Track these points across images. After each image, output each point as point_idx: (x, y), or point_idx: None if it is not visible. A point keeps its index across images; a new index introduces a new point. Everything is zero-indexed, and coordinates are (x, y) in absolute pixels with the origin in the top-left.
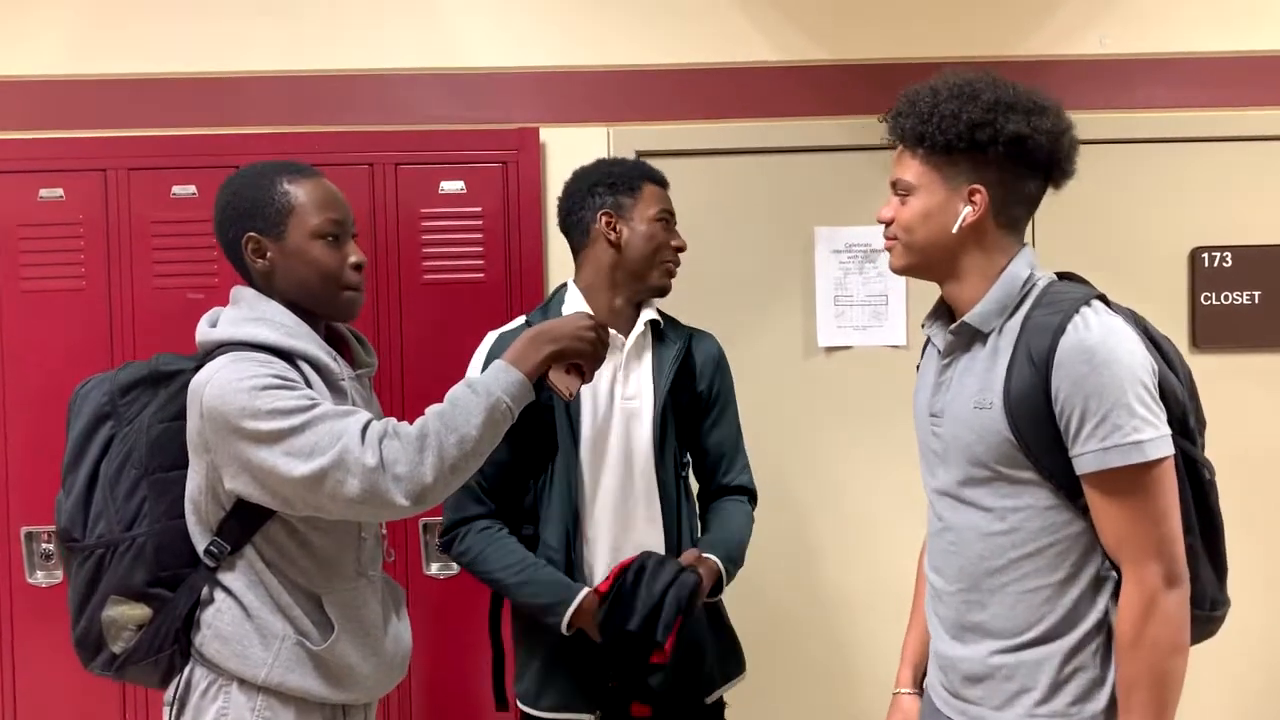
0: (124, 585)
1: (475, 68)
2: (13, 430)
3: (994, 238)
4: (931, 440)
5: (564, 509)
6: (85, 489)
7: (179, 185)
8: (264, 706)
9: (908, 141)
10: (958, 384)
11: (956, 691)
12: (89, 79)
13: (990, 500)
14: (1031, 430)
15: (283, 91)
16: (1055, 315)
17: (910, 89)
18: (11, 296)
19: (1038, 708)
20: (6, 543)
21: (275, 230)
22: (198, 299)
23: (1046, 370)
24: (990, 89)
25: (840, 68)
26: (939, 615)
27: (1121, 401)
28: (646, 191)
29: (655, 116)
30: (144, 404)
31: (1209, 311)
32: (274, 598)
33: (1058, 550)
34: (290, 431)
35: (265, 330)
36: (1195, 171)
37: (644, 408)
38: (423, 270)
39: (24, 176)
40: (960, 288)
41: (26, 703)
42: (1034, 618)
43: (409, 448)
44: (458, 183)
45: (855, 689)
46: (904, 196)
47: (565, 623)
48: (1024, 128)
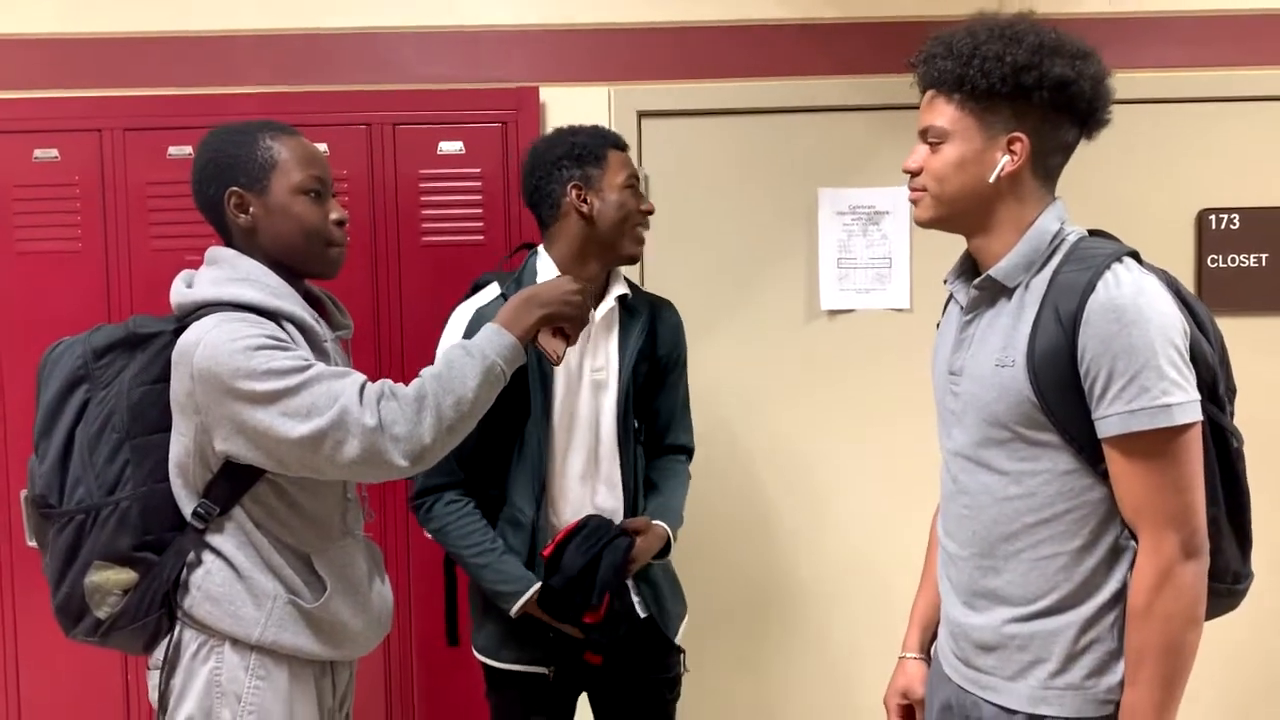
0: (108, 550)
1: (474, 26)
2: (10, 394)
3: (1029, 189)
4: (949, 400)
5: (532, 473)
6: (61, 454)
7: (175, 146)
8: (257, 665)
9: (943, 86)
10: (980, 341)
11: (968, 660)
12: (84, 37)
13: (1007, 463)
14: (1054, 390)
15: (280, 50)
16: (1085, 272)
17: (942, 33)
18: (7, 259)
19: (1052, 680)
20: (6, 507)
21: (258, 185)
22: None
23: (1073, 328)
24: (1033, 32)
25: (847, 25)
26: (951, 580)
27: (1151, 363)
28: (612, 159)
29: (657, 76)
30: (121, 367)
31: (1216, 274)
32: (264, 558)
33: (1075, 517)
34: (287, 392)
35: (250, 290)
36: (1203, 132)
37: (610, 379)
38: (421, 232)
39: (18, 137)
40: (989, 241)
41: (28, 662)
42: (1048, 586)
43: (407, 409)
44: (456, 143)
45: (849, 652)
46: (935, 145)
47: (514, 611)
48: (1069, 72)
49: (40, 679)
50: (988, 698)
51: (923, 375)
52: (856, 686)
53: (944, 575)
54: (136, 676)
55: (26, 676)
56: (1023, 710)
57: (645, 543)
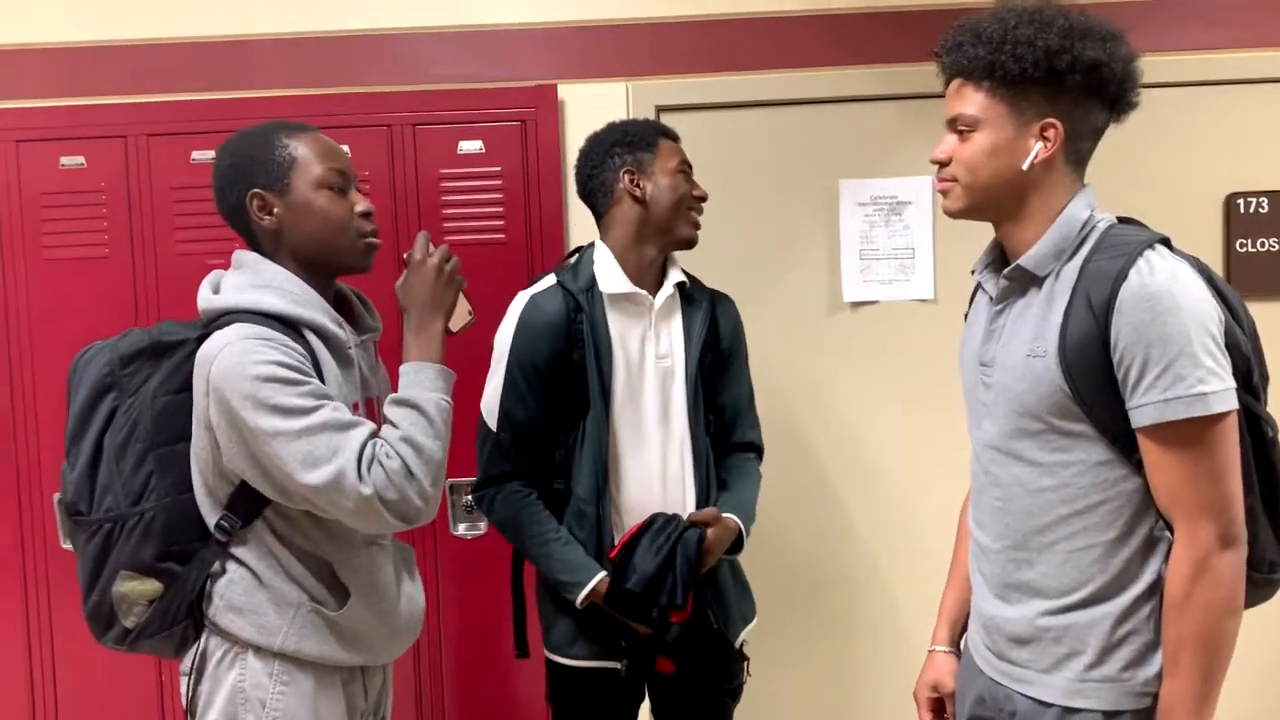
0: (133, 560)
1: (491, 24)
2: (42, 398)
3: (1060, 175)
4: (980, 391)
5: (594, 465)
6: (90, 462)
7: (198, 150)
8: (281, 672)
9: (973, 74)
10: (1010, 331)
11: (1002, 653)
12: (106, 45)
13: (1040, 454)
14: (1087, 380)
15: (300, 53)
16: (1117, 259)
17: (967, 20)
18: (37, 265)
19: (1088, 672)
20: (41, 509)
21: (279, 185)
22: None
23: (1106, 317)
24: (1062, 15)
25: (863, 15)
26: (983, 573)
27: (1186, 351)
28: (663, 146)
29: (674, 70)
30: (147, 375)
31: (1245, 258)
32: (286, 568)
33: (1110, 508)
34: (289, 434)
35: (271, 297)
36: (1231, 115)
37: (677, 366)
38: (443, 231)
39: (45, 145)
40: (1019, 230)
41: (65, 662)
42: (1083, 578)
43: (396, 477)
44: (476, 142)
45: (876, 643)
46: (965, 133)
47: (579, 601)
48: (1102, 54)
49: (76, 678)
50: (1022, 690)
51: (947, 367)
52: (882, 679)
53: (975, 568)
54: (171, 676)
55: (63, 676)
56: (1058, 703)
57: (716, 534)
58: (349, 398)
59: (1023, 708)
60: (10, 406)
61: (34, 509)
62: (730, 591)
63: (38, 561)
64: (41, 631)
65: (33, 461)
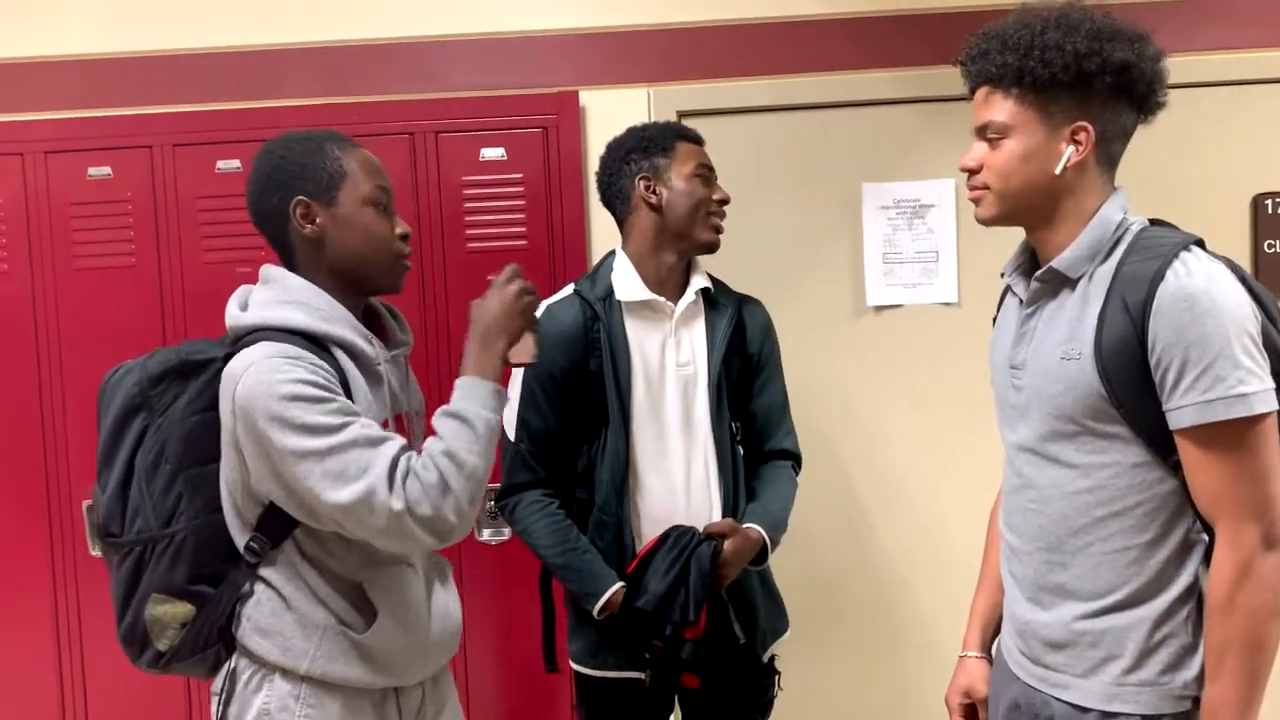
0: (165, 583)
1: (511, 32)
2: (72, 406)
3: (1092, 177)
4: (1011, 394)
5: (614, 474)
6: (121, 483)
7: (223, 160)
8: (309, 695)
9: (1002, 80)
10: (1042, 334)
11: (1037, 658)
12: (131, 56)
13: (1075, 456)
14: (1123, 382)
15: (322, 63)
16: (1153, 261)
17: (990, 28)
18: (65, 274)
19: (1126, 676)
20: (70, 516)
21: (327, 196)
22: (246, 272)
23: (1143, 318)
24: (1088, 18)
25: (886, 19)
26: (1015, 576)
27: (1226, 352)
28: (680, 150)
29: (696, 75)
30: (175, 395)
31: (1273, 259)
32: (313, 589)
33: (1146, 510)
34: (317, 453)
35: (297, 314)
36: (1258, 115)
37: (700, 373)
38: (466, 239)
39: (72, 156)
40: (1053, 233)
41: (94, 669)
42: (1119, 580)
43: (431, 492)
44: (498, 149)
45: (902, 649)
46: (995, 140)
47: (596, 611)
48: (1130, 55)
49: (106, 687)
50: (1059, 695)
51: (973, 370)
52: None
53: (1007, 572)
54: (200, 685)
55: (92, 685)
56: (1096, 708)
57: (734, 546)
58: (379, 415)
59: (1060, 713)
60: (39, 414)
61: (63, 515)
62: (759, 604)
63: (67, 569)
64: (71, 640)
65: (62, 468)
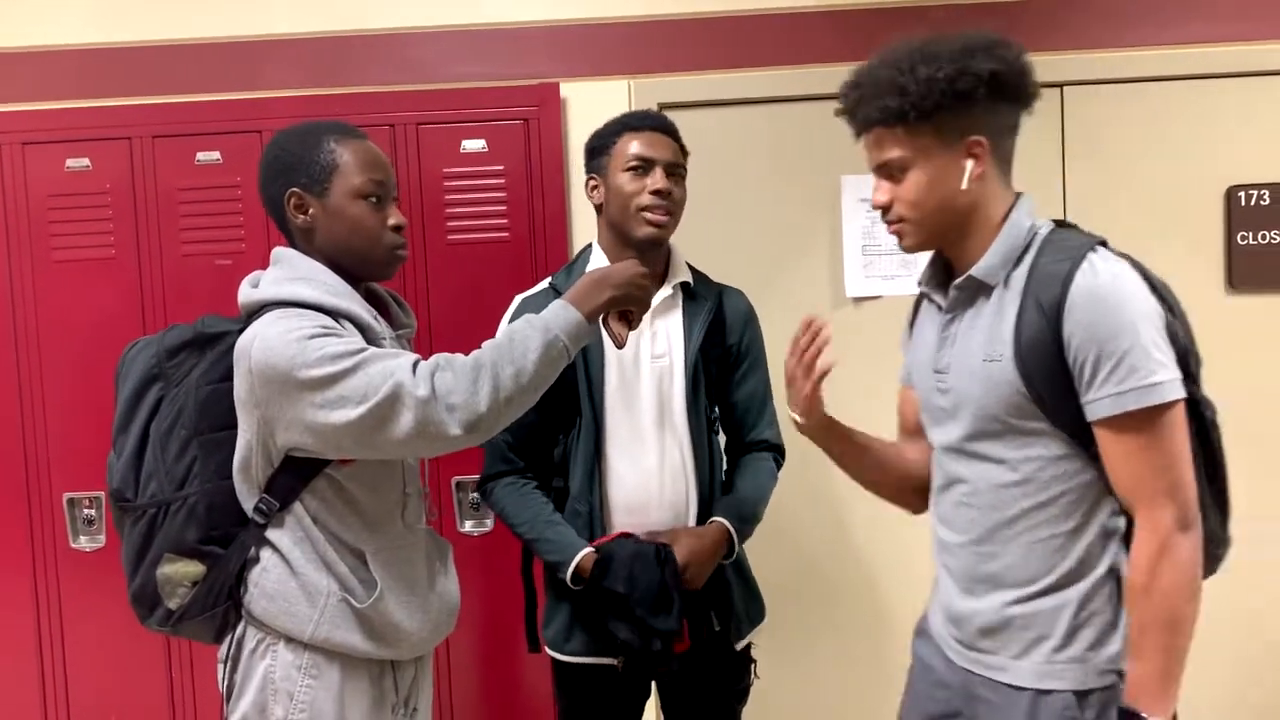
0: (178, 543)
1: (493, 23)
2: (51, 399)
3: (994, 183)
4: (937, 397)
5: (586, 464)
6: (136, 450)
7: (203, 151)
8: (310, 664)
9: (886, 121)
10: (963, 339)
11: (972, 644)
12: (110, 46)
13: (1002, 452)
14: (1043, 379)
15: (302, 54)
16: (1063, 262)
17: (857, 76)
18: (45, 267)
19: (1056, 654)
20: (50, 509)
21: (318, 187)
22: (225, 265)
23: (1057, 317)
24: (943, 42)
25: (866, 11)
26: (949, 568)
27: (1137, 344)
28: (619, 144)
29: (677, 67)
30: (191, 366)
31: (1246, 251)
32: (320, 554)
33: (1069, 499)
34: (343, 374)
35: (308, 289)
36: (1230, 108)
37: (675, 365)
38: (447, 230)
39: (51, 147)
40: (967, 244)
41: (75, 662)
42: (1046, 567)
43: (463, 377)
44: (479, 141)
45: (883, 638)
46: (899, 175)
47: (568, 579)
48: (995, 63)
49: (87, 677)
50: (994, 677)
51: None
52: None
53: (941, 564)
54: (180, 673)
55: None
56: (1030, 686)
57: (689, 547)
58: None
59: (995, 695)
60: (19, 407)
61: (44, 509)
62: (735, 592)
63: (48, 562)
64: (52, 632)
65: (42, 460)
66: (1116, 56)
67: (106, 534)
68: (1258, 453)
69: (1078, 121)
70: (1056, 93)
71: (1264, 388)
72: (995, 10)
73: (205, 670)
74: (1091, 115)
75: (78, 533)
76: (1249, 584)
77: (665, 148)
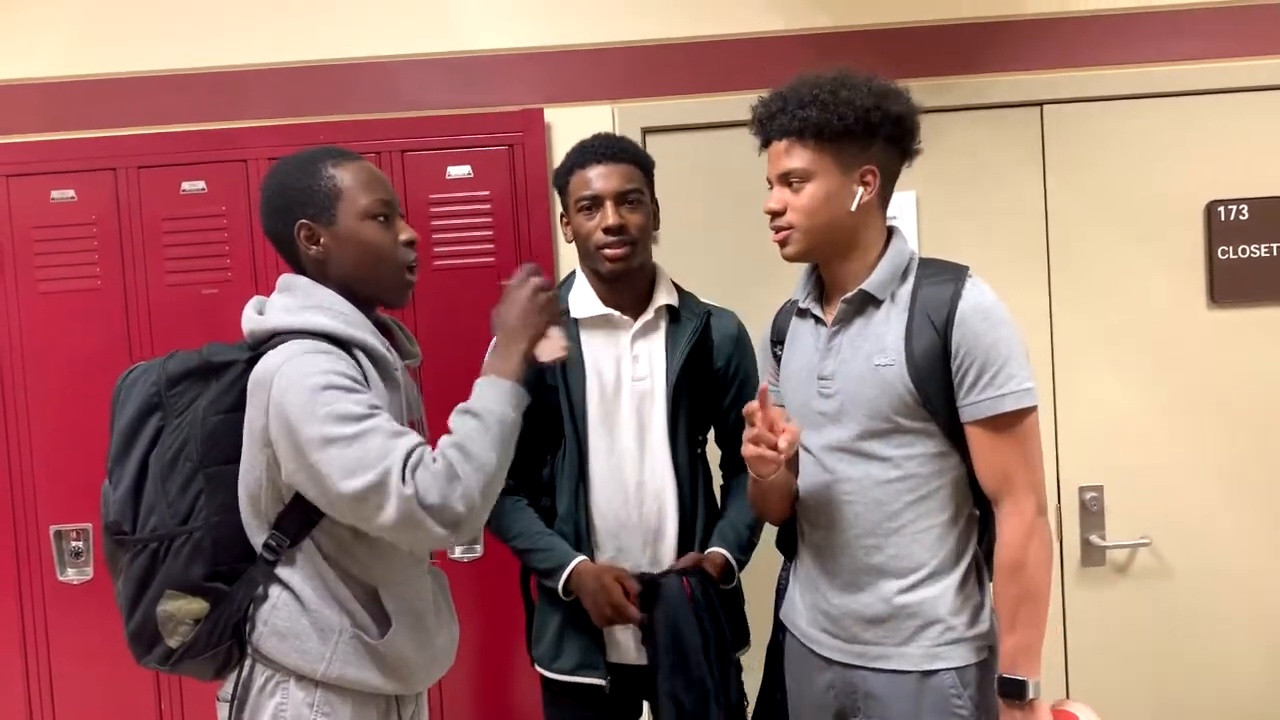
0: (181, 579)
1: (476, 50)
2: (37, 430)
3: (875, 214)
4: (818, 401)
5: (572, 485)
6: (135, 481)
7: (188, 181)
8: (322, 702)
9: (803, 133)
10: (851, 348)
11: (854, 637)
12: (93, 79)
13: (887, 450)
14: (931, 383)
15: (286, 83)
16: (948, 283)
17: (779, 91)
18: (30, 298)
19: (941, 636)
20: (37, 541)
21: (326, 216)
22: (211, 293)
23: (947, 329)
24: (862, 79)
25: (846, 34)
26: (824, 570)
27: (1014, 354)
28: (573, 183)
29: (660, 92)
30: (194, 396)
31: (1227, 265)
32: (331, 591)
33: (946, 493)
34: (341, 440)
35: (323, 318)
36: (1209, 124)
37: (656, 388)
38: (433, 256)
39: (35, 179)
40: (848, 263)
41: (63, 697)
42: (928, 555)
43: (439, 480)
44: (464, 167)
45: None
46: (798, 185)
47: (561, 588)
48: (904, 108)
49: (73, 708)
50: (878, 666)
51: None
52: None
53: (815, 569)
54: (170, 704)
55: (61, 707)
56: (916, 670)
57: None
58: (398, 418)
59: (879, 683)
60: (5, 439)
61: (30, 540)
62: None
63: (34, 593)
64: (39, 666)
65: (28, 491)
66: (1095, 75)
67: (94, 566)
68: (1238, 464)
69: (1058, 139)
70: (1036, 111)
71: (1245, 399)
72: (974, 30)
73: (196, 704)
74: (1071, 133)
75: (65, 565)
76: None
77: (615, 177)
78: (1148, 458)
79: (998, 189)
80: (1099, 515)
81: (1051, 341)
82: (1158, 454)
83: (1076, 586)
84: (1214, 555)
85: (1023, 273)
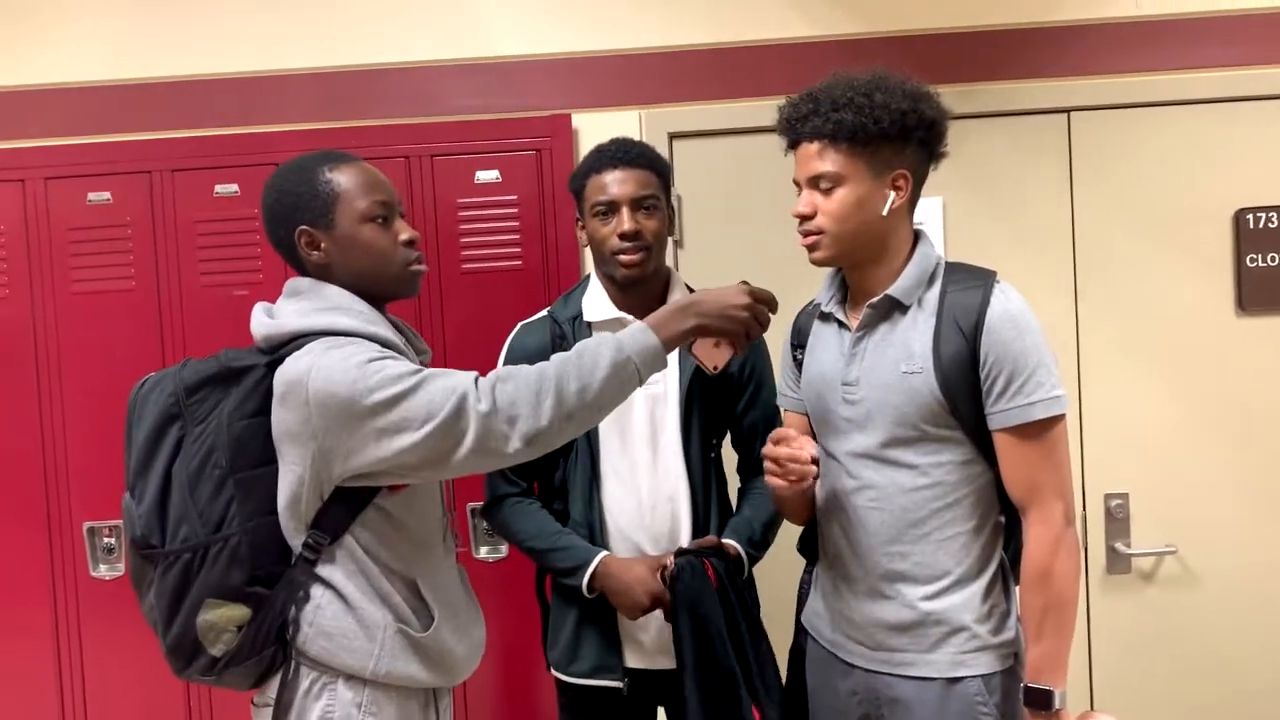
0: (221, 587)
1: (505, 56)
2: (72, 429)
3: (904, 218)
4: (844, 408)
5: (585, 489)
6: (160, 493)
7: (221, 184)
8: (370, 701)
9: (836, 136)
10: (876, 353)
11: (879, 644)
12: (130, 83)
13: (914, 458)
14: (960, 390)
15: (318, 88)
16: (976, 289)
17: (810, 92)
18: (65, 299)
19: (967, 644)
20: (70, 538)
21: (324, 220)
22: (243, 295)
23: (975, 336)
24: (897, 81)
25: (874, 40)
26: (850, 579)
27: (1043, 362)
28: (589, 188)
29: (687, 97)
30: (215, 402)
31: (1255, 273)
32: (374, 585)
33: (973, 500)
34: (405, 394)
35: (343, 318)
36: (1238, 132)
37: (669, 391)
38: (461, 260)
39: (73, 181)
40: (877, 268)
41: (95, 691)
42: (953, 563)
43: (526, 390)
44: (493, 172)
45: None
46: (828, 189)
47: (585, 585)
48: (937, 113)
49: (106, 709)
50: (903, 673)
51: None
52: None
53: (836, 575)
54: (199, 703)
55: (93, 707)
56: (942, 676)
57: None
58: None
59: (905, 690)
60: (40, 437)
61: (64, 537)
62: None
63: (68, 590)
64: (72, 661)
65: (62, 490)
66: (1122, 82)
67: (126, 562)
68: (1265, 472)
69: (1085, 146)
70: (1064, 118)
71: (1273, 407)
72: (1001, 36)
73: (224, 699)
74: (1098, 140)
75: (98, 561)
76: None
77: (630, 182)
78: (1174, 465)
79: (1025, 195)
80: (1124, 522)
81: (1078, 348)
82: (1184, 461)
83: (1101, 594)
84: (1240, 563)
85: (1049, 279)
